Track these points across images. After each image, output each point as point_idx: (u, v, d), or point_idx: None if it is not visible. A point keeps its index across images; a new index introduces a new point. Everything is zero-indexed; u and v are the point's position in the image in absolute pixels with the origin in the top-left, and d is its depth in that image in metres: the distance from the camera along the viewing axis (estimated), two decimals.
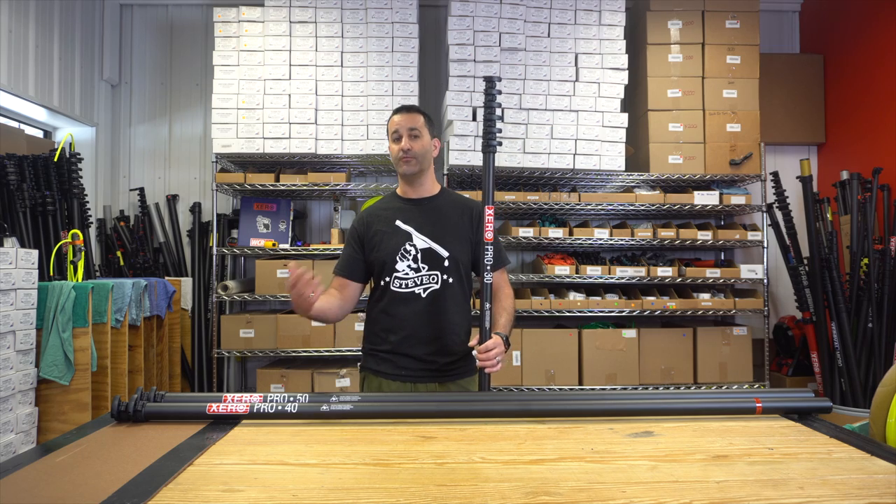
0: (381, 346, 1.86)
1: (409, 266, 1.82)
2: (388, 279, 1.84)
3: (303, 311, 1.68)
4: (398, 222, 1.86)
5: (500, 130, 1.80)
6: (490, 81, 1.80)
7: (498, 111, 1.79)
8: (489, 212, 1.76)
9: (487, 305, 1.74)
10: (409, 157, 1.84)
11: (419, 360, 1.82)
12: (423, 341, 1.79)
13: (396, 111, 1.91)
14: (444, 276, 1.83)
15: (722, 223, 4.08)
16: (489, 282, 1.76)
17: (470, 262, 1.89)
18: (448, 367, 1.84)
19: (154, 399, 1.36)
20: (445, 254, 1.83)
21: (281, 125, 3.45)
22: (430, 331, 1.79)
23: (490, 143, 1.78)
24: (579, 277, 3.52)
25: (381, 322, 1.86)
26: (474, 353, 1.72)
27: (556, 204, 3.53)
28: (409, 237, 1.84)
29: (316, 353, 3.48)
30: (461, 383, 1.87)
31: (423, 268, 1.83)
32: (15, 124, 3.56)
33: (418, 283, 1.82)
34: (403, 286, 1.83)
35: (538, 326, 3.70)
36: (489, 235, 1.76)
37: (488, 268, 1.75)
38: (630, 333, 3.56)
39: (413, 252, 1.83)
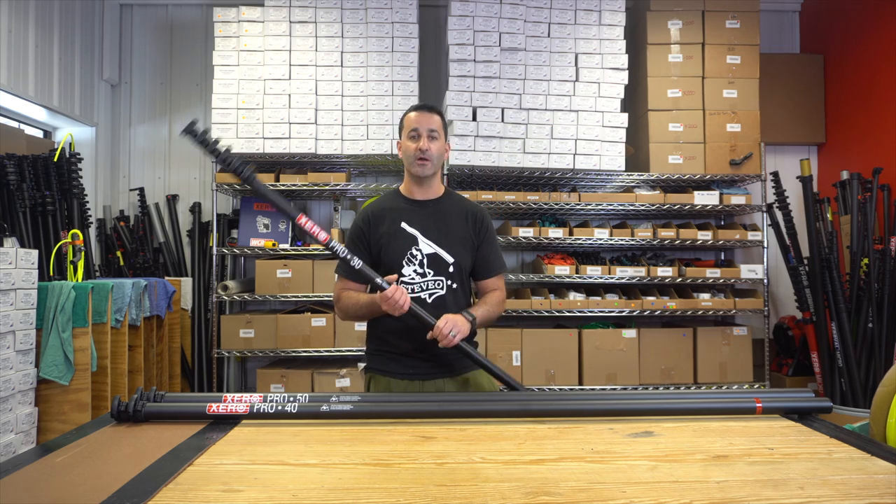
0: (388, 348, 1.84)
1: (415, 271, 1.80)
2: None
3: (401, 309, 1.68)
4: (403, 224, 1.84)
5: None
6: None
7: None
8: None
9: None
10: (425, 159, 1.82)
11: (426, 360, 1.82)
12: (429, 345, 1.77)
13: (415, 108, 1.87)
14: (449, 282, 1.82)
15: (722, 223, 4.08)
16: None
17: (471, 266, 1.88)
18: (456, 363, 1.84)
19: (154, 399, 1.37)
20: (451, 259, 1.82)
21: (281, 125, 3.45)
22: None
23: None
24: (579, 277, 3.52)
25: (387, 325, 1.83)
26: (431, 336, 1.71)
27: (556, 204, 3.53)
28: (414, 241, 1.82)
29: (316, 353, 3.48)
30: (469, 376, 1.86)
31: (429, 273, 1.81)
32: (15, 124, 3.56)
33: (424, 287, 1.81)
34: (410, 291, 1.80)
35: (538, 326, 3.69)
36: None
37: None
38: (630, 333, 3.56)
39: (419, 257, 1.81)
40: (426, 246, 1.82)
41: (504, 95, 3.46)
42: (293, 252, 3.59)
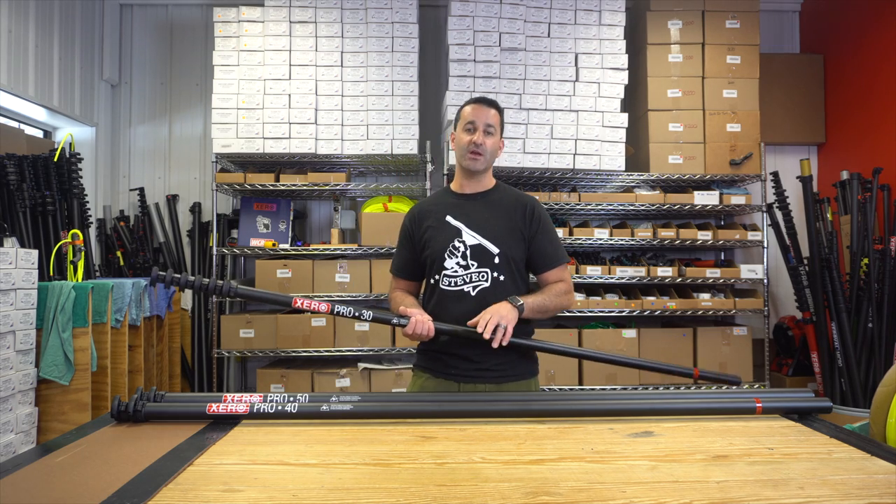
0: (432, 346, 1.79)
1: (457, 263, 1.76)
2: (437, 277, 1.79)
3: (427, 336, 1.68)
4: (448, 218, 1.80)
5: None
6: None
7: None
8: None
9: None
10: (478, 154, 1.77)
11: (468, 360, 1.76)
12: (473, 341, 1.71)
13: (474, 101, 1.83)
14: (495, 274, 1.75)
15: (722, 223, 4.08)
16: None
17: (524, 258, 1.81)
18: (500, 368, 1.76)
19: (154, 399, 1.37)
20: (496, 250, 1.76)
21: (281, 125, 3.45)
22: None
23: None
24: (579, 277, 3.52)
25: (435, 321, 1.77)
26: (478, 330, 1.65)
27: (556, 204, 3.53)
28: (458, 233, 1.78)
29: (316, 353, 3.48)
30: (519, 385, 1.80)
31: (473, 265, 1.76)
32: (15, 124, 3.55)
33: (467, 280, 1.76)
34: (453, 284, 1.76)
35: (538, 326, 3.65)
36: None
37: None
38: (630, 333, 3.56)
39: (462, 249, 1.77)
40: (470, 237, 1.77)
41: (504, 95, 3.45)
42: (293, 252, 3.59)
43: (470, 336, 1.69)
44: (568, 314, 3.58)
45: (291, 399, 1.35)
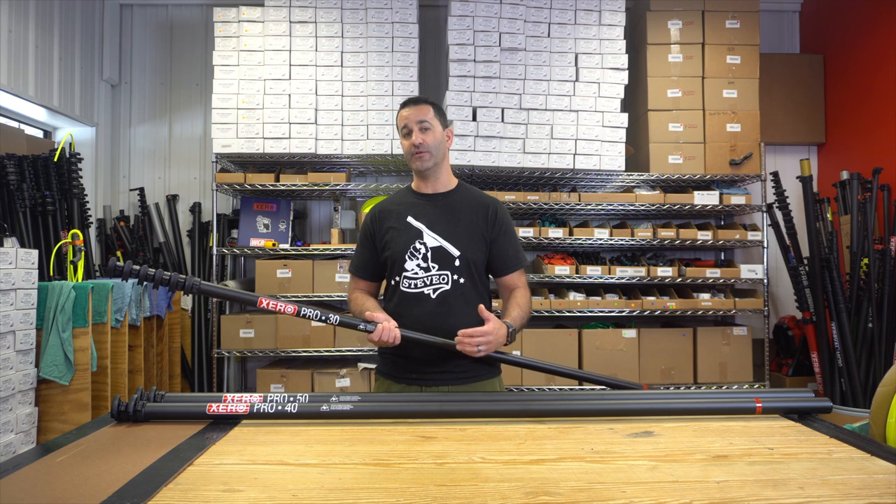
0: (389, 350, 1.78)
1: (418, 265, 1.75)
2: (397, 279, 1.78)
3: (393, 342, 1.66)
4: (410, 218, 1.79)
5: None
6: None
7: None
8: None
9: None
10: (421, 152, 1.76)
11: (428, 363, 1.76)
12: (438, 348, 1.70)
13: (404, 104, 1.82)
14: (455, 277, 1.75)
15: (722, 223, 4.08)
16: None
17: (484, 261, 1.81)
18: (460, 370, 1.76)
19: (154, 399, 1.37)
20: (456, 253, 1.76)
21: (281, 125, 3.45)
22: (440, 333, 1.70)
23: None
24: (579, 277, 3.52)
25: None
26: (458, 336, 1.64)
27: (556, 204, 3.53)
28: (419, 235, 1.77)
29: (316, 353, 3.48)
30: (483, 385, 1.80)
31: (433, 267, 1.75)
32: (15, 124, 3.55)
33: (427, 283, 1.75)
34: (413, 286, 1.76)
35: (538, 326, 3.69)
36: None
37: None
38: (630, 333, 3.56)
39: (423, 251, 1.76)
40: (431, 239, 1.76)
41: (504, 95, 3.46)
42: (293, 252, 3.59)
43: (436, 345, 1.68)
44: (568, 314, 3.58)
45: (291, 399, 1.35)
